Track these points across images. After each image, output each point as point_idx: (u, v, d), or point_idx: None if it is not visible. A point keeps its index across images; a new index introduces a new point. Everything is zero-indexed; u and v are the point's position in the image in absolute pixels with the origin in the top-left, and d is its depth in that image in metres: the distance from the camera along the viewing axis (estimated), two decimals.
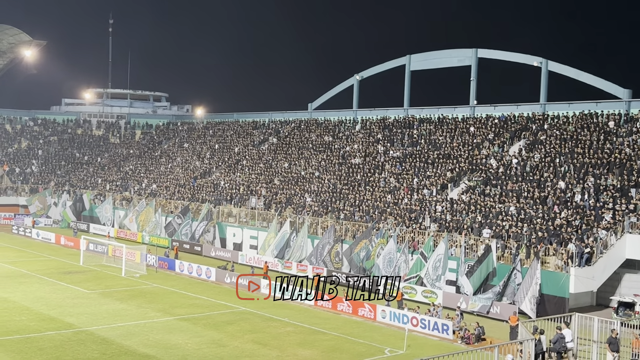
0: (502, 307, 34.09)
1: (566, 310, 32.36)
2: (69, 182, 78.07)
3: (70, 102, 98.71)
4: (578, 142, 45.28)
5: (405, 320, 32.06)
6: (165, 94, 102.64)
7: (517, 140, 50.30)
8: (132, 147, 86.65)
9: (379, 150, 57.49)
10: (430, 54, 62.30)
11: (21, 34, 79.36)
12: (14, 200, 74.46)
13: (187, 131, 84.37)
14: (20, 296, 36.77)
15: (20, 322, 31.09)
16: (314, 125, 69.11)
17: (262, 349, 28.02)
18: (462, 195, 45.33)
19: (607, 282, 36.44)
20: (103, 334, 29.54)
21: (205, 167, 70.76)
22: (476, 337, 29.81)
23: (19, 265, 46.84)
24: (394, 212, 46.15)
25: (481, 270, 36.30)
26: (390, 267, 40.36)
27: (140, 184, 72.10)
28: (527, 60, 55.67)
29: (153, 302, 36.39)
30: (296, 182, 58.32)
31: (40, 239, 60.92)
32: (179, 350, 27.46)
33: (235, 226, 55.10)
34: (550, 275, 34.89)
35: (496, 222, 40.27)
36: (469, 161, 49.49)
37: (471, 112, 58.10)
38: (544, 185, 42.21)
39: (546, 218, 38.85)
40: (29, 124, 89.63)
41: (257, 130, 74.75)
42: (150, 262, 47.44)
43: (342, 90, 70.69)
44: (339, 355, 27.52)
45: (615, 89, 49.77)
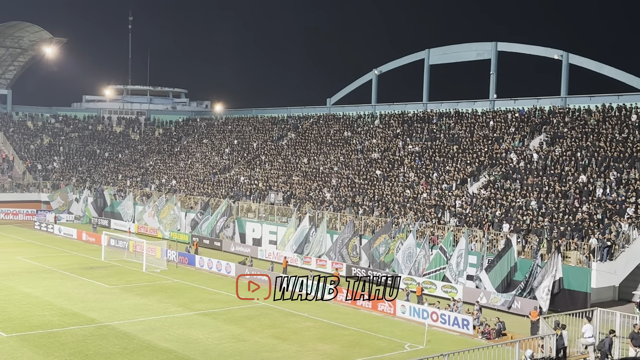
0: (523, 302, 33.87)
1: (588, 305, 32.07)
2: (90, 178, 78.72)
3: (91, 99, 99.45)
4: (600, 136, 44.82)
5: (425, 315, 31.96)
6: (184, 90, 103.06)
7: (537, 134, 49.90)
8: (152, 143, 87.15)
9: (398, 145, 57.32)
10: (450, 47, 61.94)
11: (42, 32, 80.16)
12: (35, 196, 75.22)
13: (206, 127, 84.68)
14: (42, 291, 37.18)
15: (42, 317, 31.45)
16: (332, 121, 69.05)
17: (282, 343, 28.10)
18: (482, 190, 45.07)
19: (629, 277, 36.04)
20: (124, 328, 29.78)
21: (225, 162, 70.99)
22: (497, 332, 29.66)
23: (41, 260, 47.36)
24: (413, 207, 46.01)
25: (501, 265, 36.09)
26: (410, 262, 40.26)
27: (160, 180, 72.53)
28: (547, 53, 55.20)
29: (174, 297, 36.62)
30: (315, 178, 58.33)
31: (62, 234, 61.51)
32: (200, 345, 27.62)
33: (254, 221, 55.26)
34: (572, 270, 34.61)
35: (516, 216, 40.00)
36: (488, 155, 49.18)
37: (491, 106, 57.74)
38: (565, 179, 41.84)
39: (567, 212, 38.51)
40: (50, 120, 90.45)
41: (276, 125, 74.84)
42: (170, 258, 47.73)
43: (361, 85, 70.59)
44: (359, 350, 27.52)
45: (637, 82, 49.18)
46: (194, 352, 26.54)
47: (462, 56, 61.02)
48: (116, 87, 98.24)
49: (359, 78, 70.55)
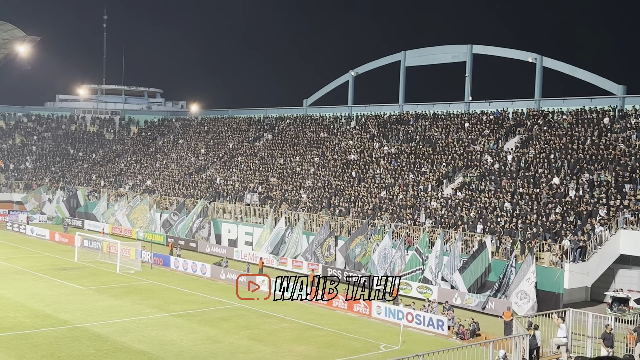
0: (497, 302, 34.19)
1: (560, 306, 32.45)
2: (63, 178, 77.86)
3: (65, 98, 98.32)
4: (572, 138, 45.36)
5: (400, 316, 32.11)
6: (160, 90, 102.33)
7: (511, 136, 50.37)
8: (127, 143, 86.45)
9: (374, 147, 57.51)
10: (425, 50, 62.24)
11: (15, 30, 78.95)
12: (7, 196, 74.22)
13: (182, 127, 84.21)
14: (14, 292, 36.69)
15: (14, 319, 31.03)
16: (309, 122, 69.06)
17: (257, 345, 28.04)
18: (457, 191, 45.39)
19: (601, 278, 36.55)
20: (98, 330, 29.51)
21: (200, 163, 70.67)
22: (471, 333, 29.90)
23: (13, 261, 46.73)
24: (389, 208, 46.19)
25: (475, 266, 36.39)
26: (385, 263, 40.41)
27: (135, 180, 71.97)
28: (521, 56, 55.71)
29: (148, 299, 36.36)
30: (291, 179, 58.31)
31: (34, 235, 60.76)
32: (175, 346, 27.46)
33: (230, 222, 55.07)
34: (545, 271, 34.99)
35: (491, 218, 40.35)
36: (464, 157, 49.55)
37: (466, 108, 58.16)
38: (538, 181, 42.30)
39: (541, 214, 38.94)
40: (22, 120, 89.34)
41: (252, 126, 74.66)
42: (145, 259, 47.37)
43: (337, 86, 70.63)
44: (334, 351, 27.56)
45: (609, 85, 49.85)
46: (168, 354, 26.38)
47: (437, 58, 61.36)
48: (90, 86, 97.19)
49: (335, 79, 70.63)
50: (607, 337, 24.85)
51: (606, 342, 24.79)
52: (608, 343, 24.76)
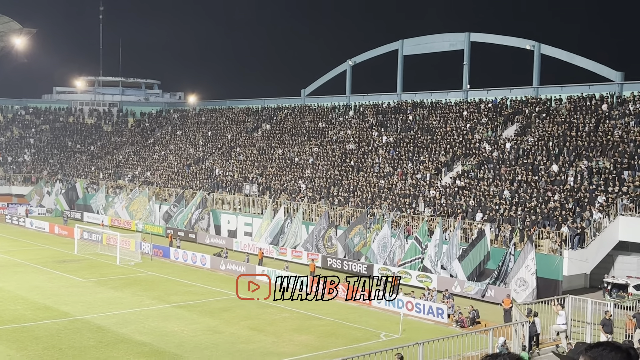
0: (497, 290, 34.26)
1: (559, 293, 32.52)
2: (62, 171, 77.80)
3: (62, 91, 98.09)
4: (571, 125, 45.35)
5: (400, 304, 32.16)
6: (157, 81, 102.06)
7: (510, 124, 50.35)
8: (125, 135, 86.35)
9: (373, 136, 57.47)
10: (423, 38, 62.09)
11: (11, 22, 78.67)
12: (6, 189, 74.23)
13: (180, 118, 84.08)
14: (15, 285, 36.74)
15: (15, 311, 31.08)
16: (307, 112, 68.97)
17: (258, 335, 28.10)
18: (456, 180, 45.41)
19: (600, 265, 36.63)
20: (99, 322, 29.56)
21: (199, 154, 70.61)
22: (471, 321, 29.97)
23: (13, 254, 46.77)
24: (388, 197, 46.21)
25: (474, 254, 36.44)
26: (385, 252, 40.46)
27: (134, 172, 71.94)
28: (519, 43, 55.57)
29: (148, 290, 36.41)
30: (290, 169, 58.29)
31: (34, 228, 60.79)
32: (175, 337, 27.51)
33: (229, 213, 55.08)
34: (544, 258, 35.05)
35: (490, 206, 40.39)
36: (462, 145, 49.53)
37: (464, 96, 58.07)
38: (537, 169, 42.31)
39: (540, 201, 38.98)
40: (20, 112, 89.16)
41: (250, 116, 74.56)
42: (145, 250, 47.41)
43: (335, 75, 70.48)
44: (334, 340, 27.62)
45: (607, 72, 49.78)
46: (169, 345, 26.44)
47: (435, 47, 61.21)
48: (87, 78, 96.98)
49: (333, 69, 70.49)
50: (606, 323, 24.94)
51: (605, 328, 24.89)
52: (607, 329, 24.86)
